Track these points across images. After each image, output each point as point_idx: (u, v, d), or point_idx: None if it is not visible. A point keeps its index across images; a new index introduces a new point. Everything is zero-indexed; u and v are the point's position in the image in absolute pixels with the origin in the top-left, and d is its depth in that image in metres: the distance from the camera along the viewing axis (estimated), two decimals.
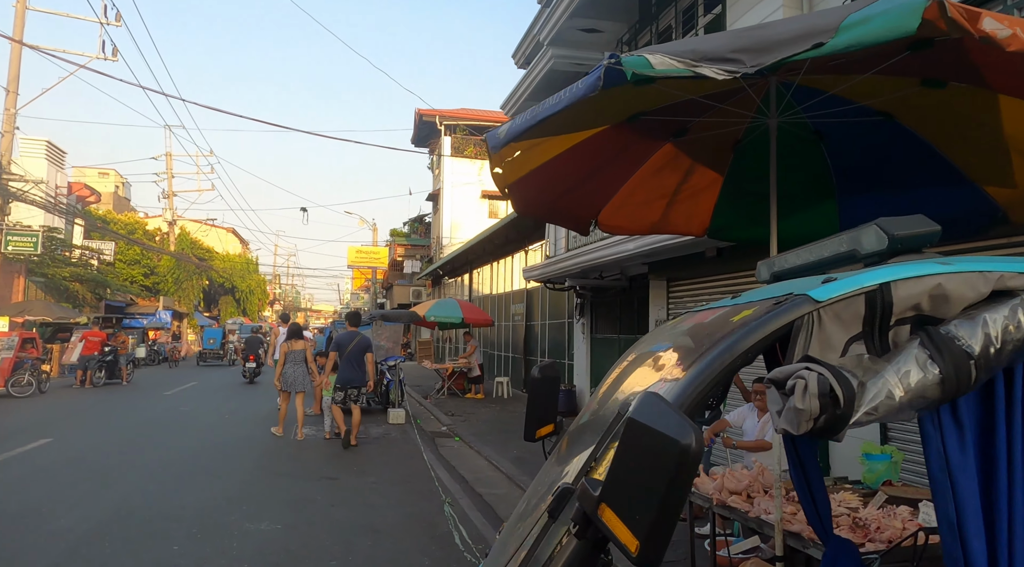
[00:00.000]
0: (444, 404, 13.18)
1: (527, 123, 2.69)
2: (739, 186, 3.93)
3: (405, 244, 35.82)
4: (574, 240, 10.95)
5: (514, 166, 3.28)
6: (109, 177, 45.61)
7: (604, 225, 4.20)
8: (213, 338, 27.09)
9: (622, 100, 3.03)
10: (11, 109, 18.80)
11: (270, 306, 65.67)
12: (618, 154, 3.64)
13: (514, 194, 3.65)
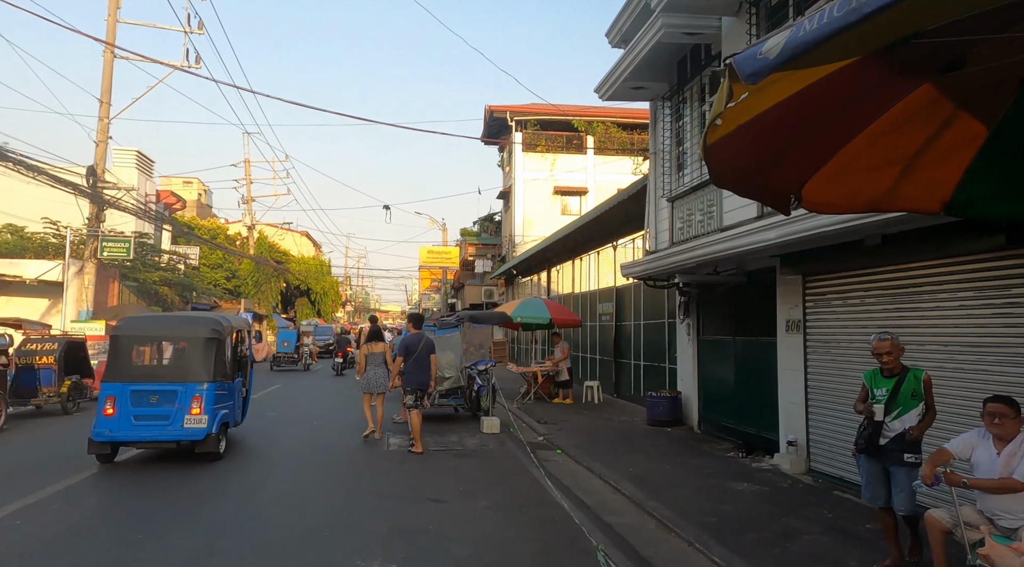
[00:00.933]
0: (532, 410, 12.37)
1: (820, 33, 1.78)
2: (1012, 141, 2.88)
3: (476, 243, 35.38)
4: (679, 232, 9.91)
5: (737, 112, 2.38)
6: (193, 185, 47.49)
7: (810, 201, 3.23)
8: (287, 341, 24.92)
9: (899, 13, 2.07)
10: (104, 119, 19.29)
11: (342, 307, 67.03)
12: (855, 99, 2.68)
13: (714, 156, 2.75)
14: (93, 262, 18.98)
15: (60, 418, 11.12)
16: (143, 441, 7.67)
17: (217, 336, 8.04)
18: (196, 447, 7.63)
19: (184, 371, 7.86)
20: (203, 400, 7.60)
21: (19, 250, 21.11)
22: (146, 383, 7.73)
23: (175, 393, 7.62)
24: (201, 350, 7.92)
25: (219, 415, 7.85)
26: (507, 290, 30.39)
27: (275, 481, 6.82)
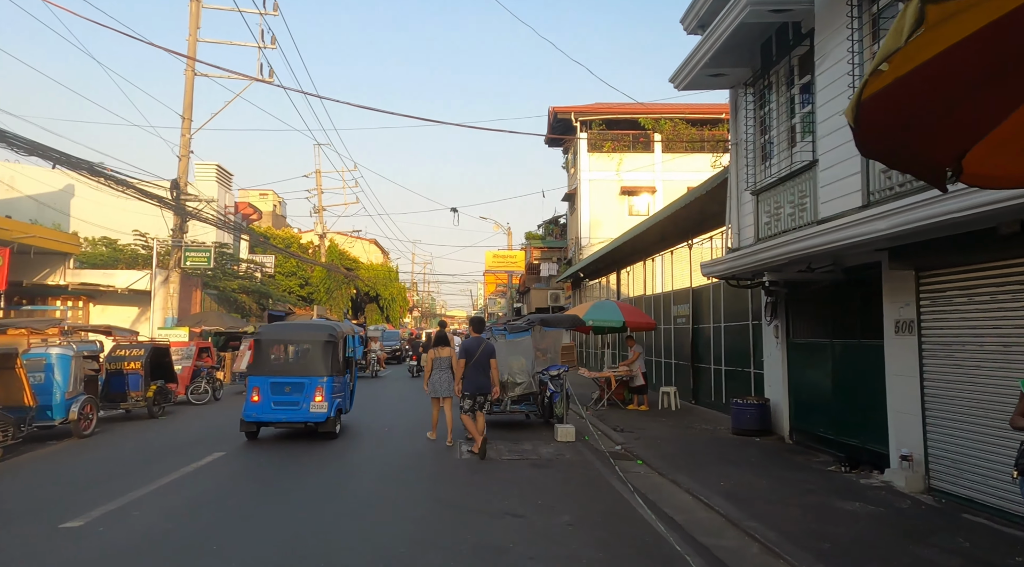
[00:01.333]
0: (606, 417, 11.86)
1: None
2: None
3: (541, 247, 35.02)
4: (766, 227, 9.20)
5: (908, 54, 1.89)
6: (268, 197, 49.42)
7: (972, 173, 2.66)
8: (352, 347, 24.65)
9: None
10: (186, 134, 20.14)
11: (409, 313, 68.15)
12: None
13: (868, 114, 2.25)
14: (177, 271, 19.79)
15: (148, 422, 11.48)
16: (279, 422, 9.66)
17: (333, 340, 10.00)
18: (319, 428, 9.52)
19: (309, 367, 9.79)
20: (324, 390, 9.47)
21: (112, 261, 22.32)
22: (281, 377, 9.65)
23: (303, 385, 9.48)
24: (321, 351, 9.87)
25: (335, 402, 9.75)
26: (574, 293, 29.87)
27: (350, 493, 6.64)
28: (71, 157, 14.02)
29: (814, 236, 7.09)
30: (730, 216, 10.17)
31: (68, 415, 9.40)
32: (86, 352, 10.21)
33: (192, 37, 20.29)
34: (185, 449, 8.80)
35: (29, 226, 18.20)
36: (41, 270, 19.20)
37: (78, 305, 19.79)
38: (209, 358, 15.19)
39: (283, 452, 8.77)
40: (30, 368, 9.29)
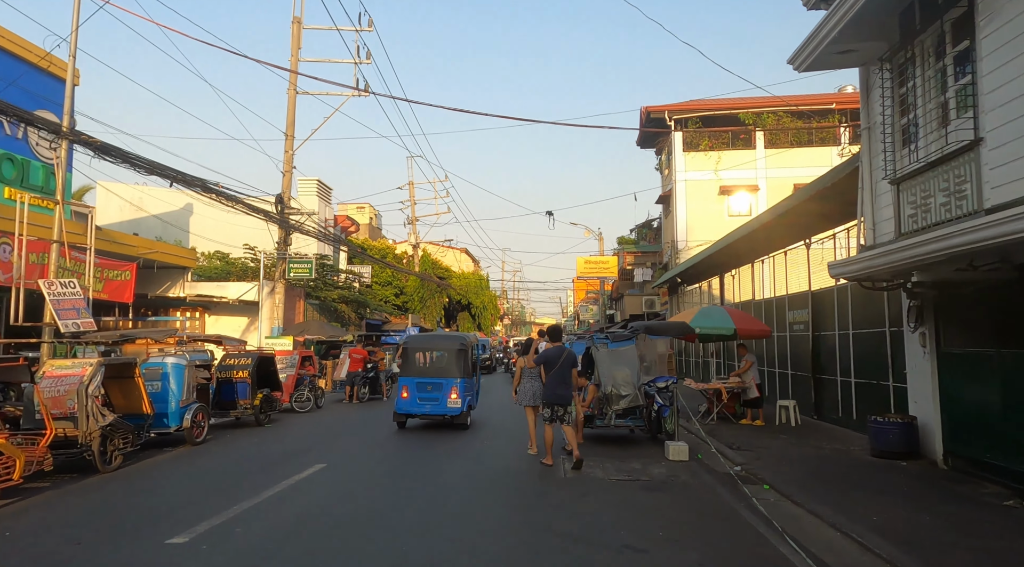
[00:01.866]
0: (718, 433, 10.88)
1: None
2: None
3: (634, 251, 33.93)
4: (910, 220, 8.01)
5: None
6: (365, 210, 51.24)
7: None
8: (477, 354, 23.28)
9: None
10: (289, 151, 20.94)
11: (500, 321, 68.46)
12: None
13: None
14: (282, 283, 20.53)
15: (254, 429, 11.72)
16: (423, 414, 11.64)
17: (464, 348, 12.04)
18: (454, 420, 11.60)
19: (446, 370, 11.70)
20: (458, 389, 11.46)
21: (225, 274, 23.58)
22: (424, 378, 11.69)
23: (442, 384, 11.53)
24: (455, 357, 11.84)
25: (467, 400, 11.72)
26: (671, 299, 28.59)
27: (450, 515, 6.21)
28: (186, 176, 14.75)
29: (982, 228, 5.98)
30: (863, 209, 9.00)
31: (182, 423, 9.67)
32: (198, 361, 10.54)
33: (294, 57, 21.10)
34: (288, 459, 8.78)
35: (153, 243, 19.49)
36: (163, 283, 20.50)
37: (195, 315, 20.98)
38: (311, 367, 15.50)
39: (381, 467, 8.55)
40: (148, 377, 9.64)
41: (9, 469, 6.20)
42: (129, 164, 12.70)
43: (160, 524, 5.71)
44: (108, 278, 17.44)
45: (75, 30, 11.56)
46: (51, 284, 10.13)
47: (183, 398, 9.75)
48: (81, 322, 10.05)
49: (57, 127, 10.86)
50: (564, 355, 8.36)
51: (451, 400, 11.34)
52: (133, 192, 28.24)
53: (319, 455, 9.11)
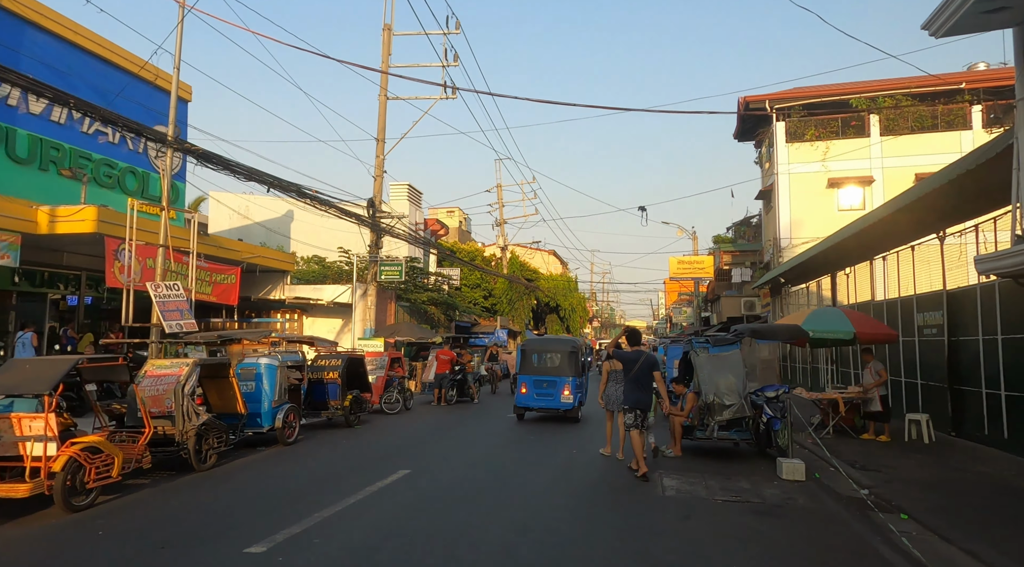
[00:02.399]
0: (837, 449, 9.69)
1: None
2: None
3: (732, 251, 32.09)
4: None
5: None
6: (455, 214, 52.01)
7: None
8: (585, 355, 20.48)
9: None
10: (380, 156, 21.30)
11: (589, 323, 67.40)
12: None
13: None
14: (374, 285, 20.88)
15: (344, 431, 11.75)
16: (539, 408, 13.22)
17: (575, 350, 13.44)
18: (566, 414, 12.94)
19: (559, 370, 13.13)
20: (570, 387, 12.76)
21: (321, 277, 24.37)
22: (540, 376, 13.16)
23: (555, 382, 12.96)
24: (567, 358, 13.22)
25: (577, 396, 12.98)
26: (773, 301, 26.72)
27: (537, 538, 5.68)
28: (282, 181, 15.20)
29: None
30: (1019, 194, 7.65)
31: (274, 423, 9.76)
32: (290, 362, 10.66)
33: (384, 64, 21.44)
34: (373, 464, 8.60)
35: (255, 247, 20.39)
36: (265, 286, 21.41)
37: (294, 317, 21.76)
38: (400, 369, 15.51)
39: (466, 475, 8.15)
40: (242, 378, 9.81)
41: (109, 466, 6.32)
42: (229, 170, 13.17)
43: (241, 529, 5.58)
44: (216, 281, 18.35)
45: (179, 45, 12.10)
46: (157, 287, 10.59)
47: (275, 398, 9.85)
48: (184, 323, 10.43)
49: (163, 136, 11.35)
50: (642, 359, 8.09)
51: (564, 396, 12.73)
52: (240, 201, 29.92)
53: (404, 460, 8.87)
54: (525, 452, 9.79)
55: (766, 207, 28.90)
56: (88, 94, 14.10)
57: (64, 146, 16.67)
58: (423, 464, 8.66)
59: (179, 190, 20.54)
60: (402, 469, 8.13)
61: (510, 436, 11.35)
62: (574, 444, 10.56)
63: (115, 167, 18.18)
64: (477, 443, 10.63)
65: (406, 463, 8.59)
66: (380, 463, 8.64)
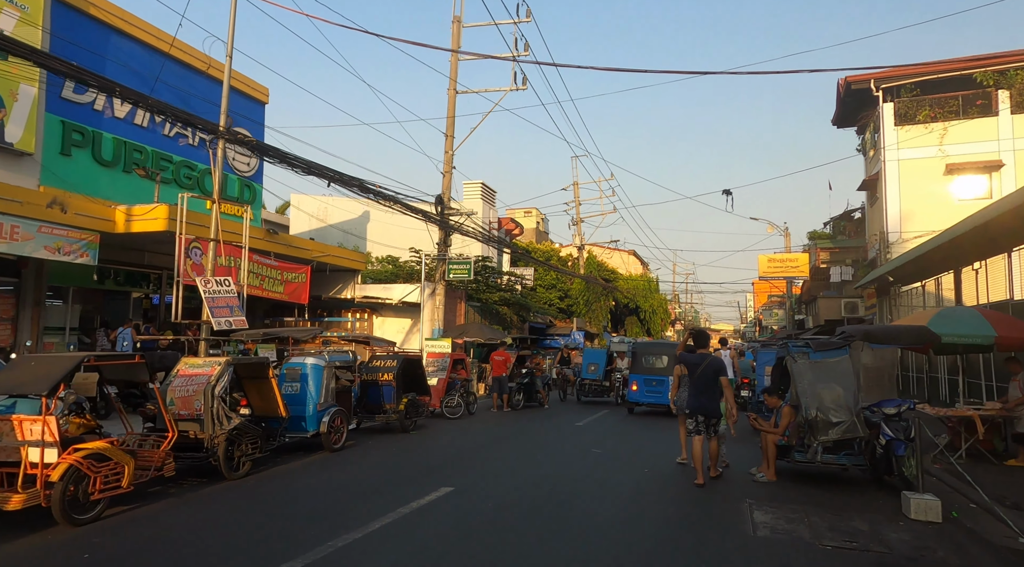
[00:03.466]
0: (977, 478, 7.84)
1: None
2: None
3: (830, 247, 29.25)
4: None
5: None
6: (532, 215, 51.18)
7: None
8: (594, 364, 18.00)
9: None
10: (449, 151, 20.63)
11: (671, 326, 64.57)
12: None
13: None
14: (442, 284, 20.22)
15: (398, 437, 10.95)
16: (648, 403, 14.72)
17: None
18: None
19: (666, 370, 14.14)
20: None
21: (393, 276, 24.06)
22: (650, 375, 14.67)
23: (663, 381, 13.94)
24: (673, 359, 12.61)
25: None
26: (879, 302, 23.98)
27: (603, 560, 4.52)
28: (343, 176, 14.74)
29: None
30: None
31: (319, 427, 9.07)
32: (339, 362, 9.95)
33: (454, 57, 20.79)
34: (417, 478, 7.65)
35: (325, 246, 20.25)
36: (335, 285, 21.26)
37: (364, 317, 21.48)
38: (464, 370, 14.64)
39: (514, 497, 7.01)
40: (288, 378, 9.20)
41: (118, 476, 5.71)
42: (287, 164, 12.79)
43: (266, 549, 4.78)
44: (287, 280, 18.25)
45: (231, 35, 11.78)
46: (207, 282, 10.22)
47: (321, 401, 9.16)
48: (233, 319, 9.99)
49: (215, 128, 11.02)
50: (706, 362, 7.71)
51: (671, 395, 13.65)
52: (317, 204, 30.34)
53: (450, 474, 7.89)
54: (591, 469, 8.57)
55: (870, 199, 26.06)
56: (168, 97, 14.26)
57: (146, 149, 16.98)
58: (470, 480, 7.64)
59: (256, 191, 20.69)
60: (445, 486, 7.14)
61: (574, 448, 10.15)
62: (647, 459, 9.22)
63: (195, 169, 18.42)
64: (536, 456, 9.51)
65: (451, 478, 7.60)
66: (426, 476, 7.70)
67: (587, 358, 18.59)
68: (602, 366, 17.96)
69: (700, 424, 7.58)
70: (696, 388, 7.66)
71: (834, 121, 27.68)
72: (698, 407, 7.62)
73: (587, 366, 18.12)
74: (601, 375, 17.85)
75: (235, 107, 19.39)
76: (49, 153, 14.68)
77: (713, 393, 7.64)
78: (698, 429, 7.59)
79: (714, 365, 7.68)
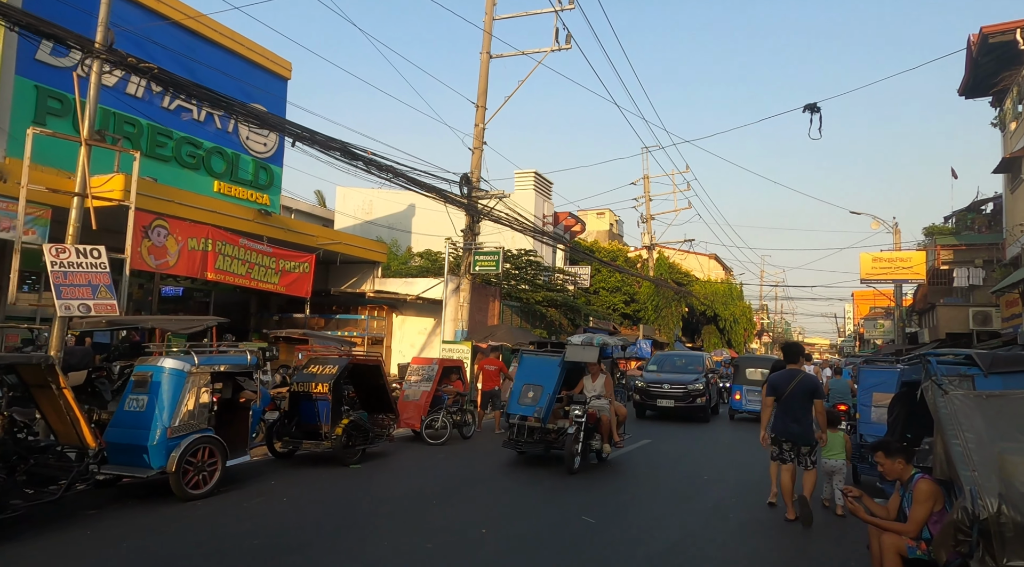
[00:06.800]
0: None
1: None
2: None
3: (954, 244, 23.46)
4: None
5: None
6: (605, 216, 47.26)
7: None
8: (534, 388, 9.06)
9: None
10: (480, 124, 17.40)
11: (757, 337, 58.03)
12: None
13: None
14: (468, 278, 16.95)
15: (329, 473, 7.65)
16: (750, 411, 15.74)
17: None
18: None
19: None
20: None
21: (423, 271, 21.09)
22: (752, 386, 15.92)
23: None
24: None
25: None
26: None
27: None
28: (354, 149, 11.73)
29: None
30: None
31: (167, 463, 5.95)
32: (225, 367, 6.77)
33: (488, 16, 17.59)
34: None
35: (336, 233, 17.60)
36: (350, 278, 18.52)
37: (381, 315, 18.59)
38: (460, 382, 11.15)
39: None
40: (136, 387, 6.18)
41: None
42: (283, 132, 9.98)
43: None
44: (285, 270, 15.60)
45: None
46: (62, 251, 7.43)
47: (174, 424, 6.05)
48: (94, 304, 7.15)
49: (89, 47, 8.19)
50: (797, 380, 6.42)
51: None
52: (363, 197, 28.07)
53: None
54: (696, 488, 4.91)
55: (1011, 183, 20.37)
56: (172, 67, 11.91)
57: (140, 122, 14.79)
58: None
59: (274, 175, 18.26)
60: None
61: (571, 509, 6.46)
62: (730, 487, 5.41)
63: (199, 146, 16.13)
64: (507, 524, 5.93)
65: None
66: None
67: (522, 374, 9.31)
68: (550, 391, 8.78)
69: (788, 452, 6.40)
70: (784, 412, 6.46)
71: (962, 90, 22.11)
72: (785, 432, 6.43)
73: (519, 392, 9.05)
74: (545, 407, 8.64)
75: (255, 82, 17.13)
76: (19, 122, 12.61)
77: (805, 418, 6.40)
78: (783, 457, 6.43)
79: (806, 385, 6.42)
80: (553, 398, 8.77)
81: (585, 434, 8.31)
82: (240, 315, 18.14)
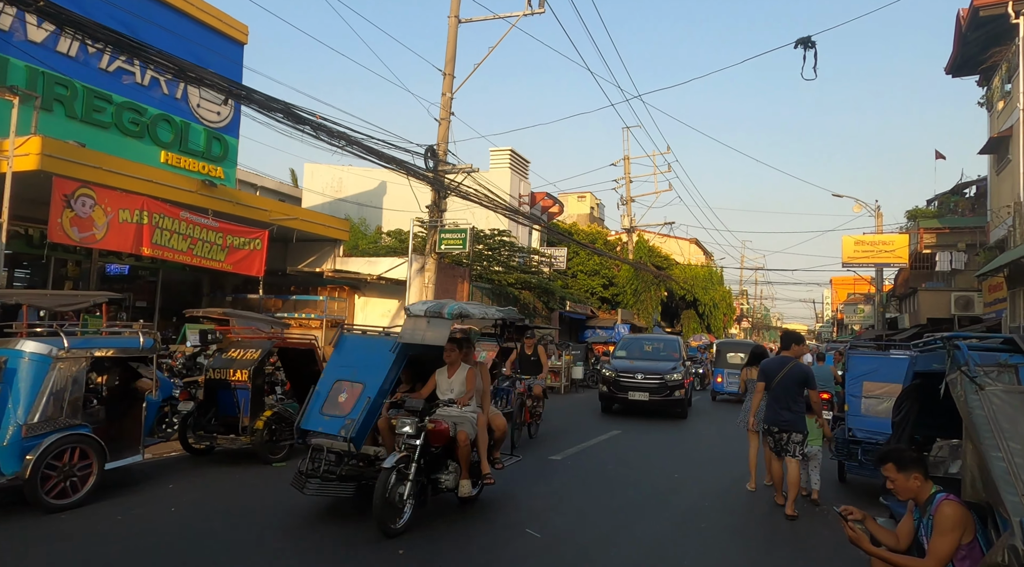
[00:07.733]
0: None
1: None
2: None
3: (937, 228, 22.81)
4: None
5: None
6: (586, 200, 46.18)
7: None
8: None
9: None
10: (447, 93, 16.17)
11: (736, 323, 57.65)
12: None
13: None
14: (433, 258, 15.82)
15: (254, 471, 6.60)
16: (730, 393, 16.47)
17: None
18: None
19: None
20: None
21: (390, 251, 19.92)
22: (732, 369, 16.33)
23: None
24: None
25: None
26: (1012, 295, 17.67)
27: None
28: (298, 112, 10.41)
29: None
30: None
31: (22, 468, 4.83)
32: (109, 351, 5.62)
33: None
34: None
35: (290, 208, 16.33)
36: (308, 257, 17.30)
37: (342, 296, 17.43)
38: None
39: None
40: None
41: None
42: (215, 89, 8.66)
43: None
44: (232, 246, 14.29)
45: None
46: None
47: (31, 420, 4.92)
48: None
49: None
50: (787, 368, 6.17)
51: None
52: (332, 173, 26.70)
53: None
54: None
55: (997, 164, 19.65)
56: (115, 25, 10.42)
57: (74, 83, 13.34)
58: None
59: (229, 146, 16.84)
60: None
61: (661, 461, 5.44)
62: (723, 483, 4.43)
63: (143, 113, 14.68)
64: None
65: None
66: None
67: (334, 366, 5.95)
68: (372, 393, 5.48)
69: (778, 443, 6.15)
70: (774, 400, 6.27)
71: (949, 68, 21.29)
72: (777, 421, 6.20)
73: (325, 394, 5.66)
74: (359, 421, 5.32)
75: (209, 45, 15.65)
76: None
77: (796, 406, 6.14)
78: (776, 448, 6.20)
79: (796, 373, 6.18)
80: (377, 405, 5.38)
81: (428, 465, 5.19)
82: (192, 295, 16.85)
